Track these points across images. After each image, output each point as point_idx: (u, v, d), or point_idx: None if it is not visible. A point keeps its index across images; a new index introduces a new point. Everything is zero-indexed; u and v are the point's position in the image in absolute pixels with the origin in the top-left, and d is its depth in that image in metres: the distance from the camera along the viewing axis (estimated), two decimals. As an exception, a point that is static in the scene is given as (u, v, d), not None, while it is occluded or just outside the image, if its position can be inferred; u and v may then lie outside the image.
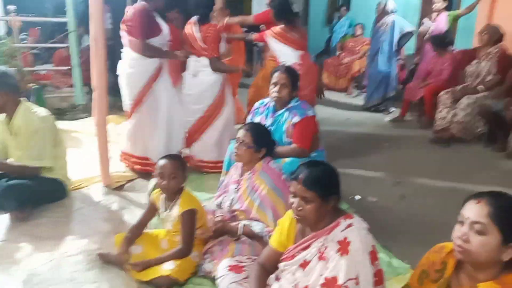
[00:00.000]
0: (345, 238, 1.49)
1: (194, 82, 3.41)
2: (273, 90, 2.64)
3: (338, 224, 1.54)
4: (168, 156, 2.11)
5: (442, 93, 4.72)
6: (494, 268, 1.24)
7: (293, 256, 1.61)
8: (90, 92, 5.13)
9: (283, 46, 3.42)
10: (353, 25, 7.66)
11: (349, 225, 1.52)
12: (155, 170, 2.09)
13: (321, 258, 1.52)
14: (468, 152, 4.30)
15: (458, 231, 1.26)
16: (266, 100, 2.82)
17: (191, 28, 3.38)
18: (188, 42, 3.39)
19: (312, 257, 1.55)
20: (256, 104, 2.89)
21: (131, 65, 3.11)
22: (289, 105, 2.66)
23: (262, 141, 2.22)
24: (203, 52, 3.34)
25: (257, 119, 2.77)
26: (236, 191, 2.24)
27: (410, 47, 7.24)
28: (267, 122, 2.68)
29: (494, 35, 4.55)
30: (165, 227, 2.15)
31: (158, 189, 2.15)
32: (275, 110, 2.71)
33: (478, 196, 1.27)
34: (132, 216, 2.60)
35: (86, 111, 5.15)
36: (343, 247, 1.48)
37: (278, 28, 3.43)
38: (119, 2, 5.27)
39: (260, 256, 1.79)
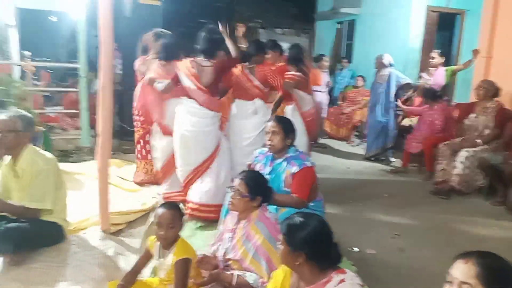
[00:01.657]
0: None
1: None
2: (266, 139, 2.73)
3: (331, 279, 1.54)
4: (167, 205, 2.11)
5: (441, 145, 4.79)
6: (484, 329, 1.22)
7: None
8: (96, 135, 5.26)
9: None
10: (354, 76, 7.91)
11: (342, 281, 1.52)
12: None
13: None
14: (468, 205, 4.30)
15: (447, 291, 1.26)
16: (265, 149, 2.89)
17: (243, 71, 3.78)
18: (239, 84, 3.78)
19: None
20: (255, 152, 2.96)
21: (211, 123, 3.43)
22: (288, 155, 2.70)
23: (257, 190, 2.23)
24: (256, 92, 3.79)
25: (256, 167, 2.81)
26: (231, 239, 2.24)
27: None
28: (266, 170, 2.72)
29: (490, 90, 4.69)
30: (159, 275, 2.14)
31: (154, 236, 2.16)
32: (273, 158, 2.76)
33: (466, 255, 1.27)
34: (127, 262, 2.59)
35: (91, 153, 5.22)
36: None
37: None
38: (130, 49, 5.52)
39: None
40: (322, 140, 6.95)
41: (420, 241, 3.39)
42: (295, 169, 2.62)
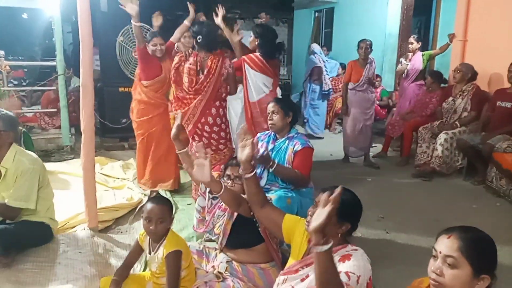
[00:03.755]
0: (348, 254, 1.56)
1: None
2: (268, 120, 2.79)
3: (345, 247, 1.62)
4: (156, 200, 2.12)
5: (420, 128, 4.90)
6: (468, 300, 1.29)
7: (296, 271, 1.67)
8: (77, 133, 5.18)
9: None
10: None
11: (355, 249, 1.61)
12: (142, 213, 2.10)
13: None
14: (449, 186, 4.43)
15: (432, 265, 1.32)
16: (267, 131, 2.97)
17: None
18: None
19: (313, 272, 1.59)
20: (259, 134, 3.03)
21: None
22: (290, 135, 2.78)
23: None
24: None
25: (258, 146, 2.86)
26: (222, 217, 2.30)
27: (389, 84, 7.56)
28: (268, 148, 2.79)
29: (467, 73, 4.81)
30: (151, 270, 2.15)
31: (144, 231, 2.16)
32: (275, 138, 2.84)
33: (449, 231, 1.33)
34: (118, 258, 2.60)
35: (73, 152, 5.18)
36: (345, 257, 1.55)
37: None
38: (107, 44, 5.44)
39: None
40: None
41: (404, 222, 3.48)
42: (298, 147, 2.69)
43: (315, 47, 6.98)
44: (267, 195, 2.37)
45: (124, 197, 3.66)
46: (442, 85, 5.44)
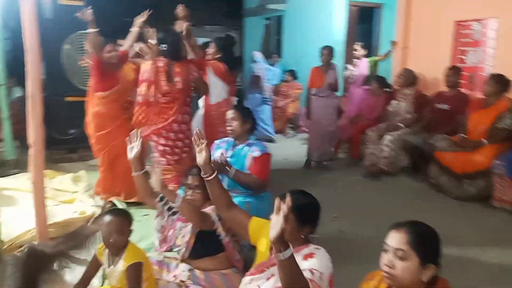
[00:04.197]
0: (311, 253, 1.64)
1: None
2: (227, 126, 2.84)
3: (308, 246, 1.70)
4: (115, 212, 2.08)
5: (368, 131, 5.15)
6: (418, 289, 1.40)
7: (262, 271, 1.73)
8: (21, 146, 4.91)
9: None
10: (284, 71, 8.16)
11: (317, 248, 1.70)
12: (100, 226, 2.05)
13: None
14: (396, 184, 4.70)
15: (384, 258, 1.42)
16: (225, 138, 3.01)
17: None
18: None
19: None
20: (217, 141, 3.06)
21: None
22: (249, 141, 2.85)
23: None
24: None
25: (217, 153, 2.89)
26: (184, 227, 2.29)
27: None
28: (228, 155, 2.83)
29: (409, 78, 5.15)
30: (111, 283, 2.11)
31: (102, 244, 2.12)
32: (234, 144, 2.88)
33: (398, 226, 1.45)
34: (74, 275, 2.50)
35: (17, 166, 4.89)
36: (308, 256, 1.63)
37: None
38: (53, 52, 5.22)
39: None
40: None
41: (357, 220, 3.65)
42: (257, 153, 2.76)
43: (256, 55, 7.10)
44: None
45: (76, 211, 3.52)
46: (387, 89, 5.77)
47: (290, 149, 6.35)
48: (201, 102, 4.06)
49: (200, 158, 2.00)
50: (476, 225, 3.56)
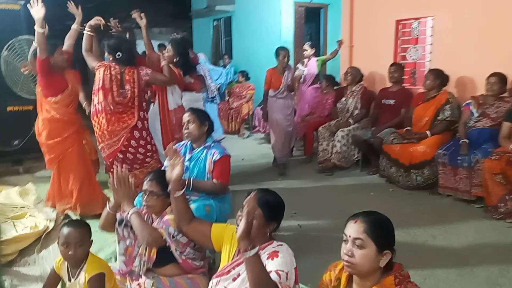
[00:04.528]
0: (276, 251, 1.68)
1: None
2: (184, 129, 2.81)
3: (272, 243, 1.75)
4: (73, 223, 2.02)
5: (320, 128, 5.32)
6: (376, 275, 1.49)
7: (228, 272, 1.76)
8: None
9: None
10: (237, 71, 8.21)
11: (280, 245, 1.74)
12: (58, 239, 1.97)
13: None
14: (349, 177, 4.90)
15: (344, 248, 1.50)
16: (183, 142, 2.97)
17: None
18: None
19: (244, 271, 1.66)
20: (175, 146, 2.98)
21: None
22: (207, 144, 2.81)
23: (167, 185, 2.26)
24: None
25: None
26: None
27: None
28: (185, 159, 2.77)
29: (356, 76, 5.38)
30: (72, 297, 2.04)
31: (60, 258, 2.04)
32: (192, 148, 2.85)
33: (355, 216, 1.53)
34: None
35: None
36: (273, 254, 1.67)
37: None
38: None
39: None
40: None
41: (314, 215, 3.77)
42: (216, 156, 2.73)
43: (200, 56, 7.07)
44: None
45: (27, 226, 3.35)
46: (335, 87, 5.99)
47: (247, 150, 6.40)
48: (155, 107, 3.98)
49: (173, 174, 1.99)
50: (425, 212, 3.80)
